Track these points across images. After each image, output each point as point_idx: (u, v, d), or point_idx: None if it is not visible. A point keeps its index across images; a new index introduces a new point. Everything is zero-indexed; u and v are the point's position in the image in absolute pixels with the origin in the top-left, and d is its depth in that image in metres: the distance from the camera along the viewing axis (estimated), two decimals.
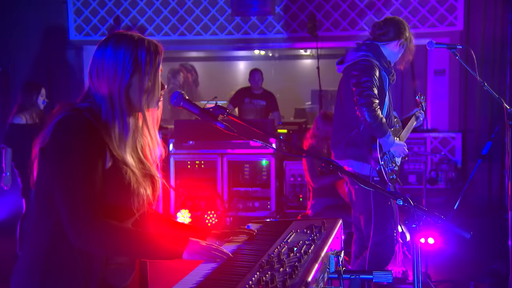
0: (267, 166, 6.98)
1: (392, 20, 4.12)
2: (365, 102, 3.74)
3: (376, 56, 3.96)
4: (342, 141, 4.05)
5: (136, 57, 1.97)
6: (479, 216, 7.02)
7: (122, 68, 1.96)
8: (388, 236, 4.00)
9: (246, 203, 6.96)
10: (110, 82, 1.97)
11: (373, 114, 3.74)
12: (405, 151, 4.04)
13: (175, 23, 8.34)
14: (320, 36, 7.81)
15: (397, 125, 4.18)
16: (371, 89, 3.77)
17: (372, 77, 3.81)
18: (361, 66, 3.89)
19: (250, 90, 8.42)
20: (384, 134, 3.84)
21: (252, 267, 1.87)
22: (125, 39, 1.99)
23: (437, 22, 7.81)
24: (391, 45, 4.04)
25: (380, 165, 3.88)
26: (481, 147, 7.25)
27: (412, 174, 7.57)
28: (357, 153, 3.98)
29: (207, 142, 6.92)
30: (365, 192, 3.95)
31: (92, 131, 1.91)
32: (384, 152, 3.94)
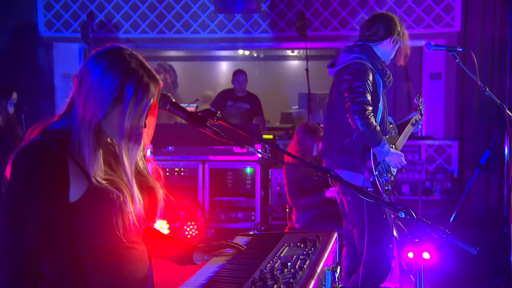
0: (252, 174, 6.97)
1: (380, 17, 4.11)
2: (357, 110, 3.73)
3: (370, 58, 3.95)
4: (333, 149, 4.04)
5: (121, 93, 1.90)
6: (476, 229, 7.06)
7: (102, 99, 1.90)
8: (383, 251, 3.99)
9: (229, 213, 6.94)
10: (87, 106, 1.92)
11: (365, 122, 3.73)
12: (402, 162, 4.01)
13: (154, 20, 8.31)
14: (309, 36, 7.84)
15: (393, 131, 4.19)
16: (363, 95, 3.76)
17: (365, 82, 3.81)
18: (353, 69, 3.88)
19: (233, 93, 8.41)
20: (378, 143, 3.83)
21: (243, 284, 1.86)
22: (118, 64, 1.91)
23: (433, 22, 7.88)
24: (384, 44, 4.04)
25: (374, 175, 3.87)
26: (478, 156, 7.32)
27: (405, 184, 7.60)
28: (349, 162, 3.97)
29: (188, 148, 6.89)
30: (358, 204, 3.94)
31: (51, 161, 1.87)
32: (379, 162, 3.94)
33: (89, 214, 1.89)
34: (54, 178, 1.86)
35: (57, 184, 1.87)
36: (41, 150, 1.87)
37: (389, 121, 4.14)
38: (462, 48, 4.10)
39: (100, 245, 1.93)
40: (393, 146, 4.10)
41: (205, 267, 2.11)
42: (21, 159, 1.88)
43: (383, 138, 3.85)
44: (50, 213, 1.86)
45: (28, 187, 1.84)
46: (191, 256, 2.25)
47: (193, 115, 2.10)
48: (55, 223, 1.87)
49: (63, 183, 1.88)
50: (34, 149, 1.88)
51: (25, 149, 1.89)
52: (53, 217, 1.86)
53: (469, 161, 7.73)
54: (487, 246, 6.16)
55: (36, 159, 1.86)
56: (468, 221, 7.24)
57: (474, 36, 7.71)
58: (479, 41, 7.68)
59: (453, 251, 5.10)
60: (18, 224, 1.82)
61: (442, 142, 7.78)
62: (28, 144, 1.90)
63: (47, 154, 1.86)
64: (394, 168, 4.07)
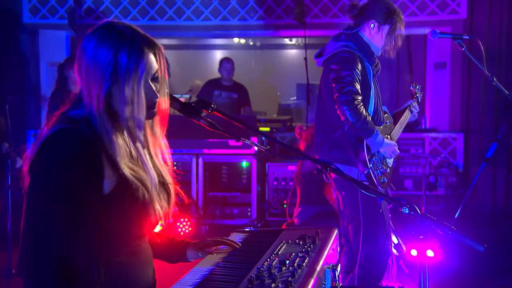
0: (248, 168, 6.97)
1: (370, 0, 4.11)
2: (346, 100, 3.73)
3: (357, 45, 3.95)
4: (326, 143, 4.03)
5: (115, 64, 1.87)
6: (482, 226, 7.09)
7: (100, 76, 1.87)
8: (380, 247, 3.99)
9: (224, 209, 6.95)
10: (90, 87, 1.88)
11: (355, 113, 3.72)
12: (396, 151, 4.03)
13: (145, 6, 8.28)
14: (308, 23, 7.83)
15: (388, 121, 4.18)
16: (352, 85, 3.75)
17: (353, 71, 3.80)
18: (341, 58, 3.87)
19: (219, 82, 8.37)
20: (371, 134, 3.83)
21: (240, 282, 1.86)
22: (110, 36, 1.89)
23: (438, 9, 7.87)
24: (363, 29, 4.02)
25: (368, 168, 3.87)
26: (485, 149, 7.33)
27: (408, 178, 7.62)
28: (342, 156, 3.96)
29: (180, 141, 6.89)
30: (353, 199, 3.95)
31: (87, 151, 1.80)
32: (373, 154, 3.94)
33: (117, 208, 1.86)
34: (93, 166, 1.81)
35: (95, 174, 1.82)
36: (76, 137, 1.80)
37: (383, 111, 4.14)
38: (469, 36, 4.10)
39: (123, 242, 1.91)
40: (388, 136, 4.11)
41: (199, 265, 2.11)
42: (53, 149, 1.79)
43: (375, 128, 3.85)
44: (90, 205, 1.82)
45: (68, 177, 1.77)
46: (185, 253, 2.25)
47: (187, 106, 2.10)
48: (91, 216, 1.82)
49: (100, 173, 1.83)
50: (67, 137, 1.80)
51: (56, 138, 1.80)
52: (91, 210, 1.82)
53: (475, 155, 7.74)
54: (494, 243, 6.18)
55: (72, 147, 1.79)
56: (474, 217, 7.26)
57: (481, 24, 7.71)
58: (486, 28, 7.67)
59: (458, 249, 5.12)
60: (66, 217, 1.78)
61: (447, 134, 7.79)
62: (57, 132, 1.81)
63: (84, 142, 1.80)
64: (390, 159, 4.07)
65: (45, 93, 8.46)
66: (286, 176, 7.07)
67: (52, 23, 8.34)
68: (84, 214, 1.80)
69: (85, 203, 1.80)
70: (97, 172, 1.83)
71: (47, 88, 8.47)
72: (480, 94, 7.77)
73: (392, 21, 3.99)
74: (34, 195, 1.80)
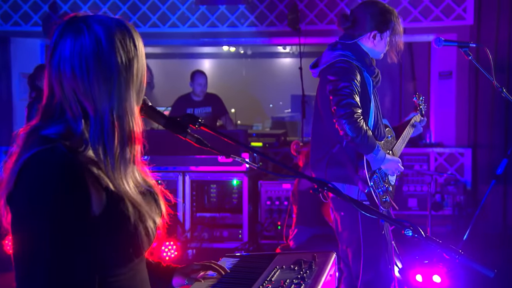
0: (239, 187, 6.97)
1: (360, 6, 4.13)
2: (345, 113, 3.74)
3: (356, 54, 3.97)
4: (323, 159, 4.04)
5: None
6: (492, 248, 7.10)
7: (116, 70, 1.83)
8: (381, 272, 3.99)
9: (213, 232, 6.93)
10: (80, 95, 1.81)
11: (355, 127, 3.74)
12: (399, 168, 4.04)
13: (126, 12, 8.31)
14: (303, 30, 7.88)
15: (389, 135, 4.20)
16: (351, 97, 3.77)
17: (351, 82, 3.82)
18: (338, 69, 3.89)
19: (190, 98, 8.34)
20: (371, 149, 3.84)
21: None
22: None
23: (443, 14, 7.93)
24: (364, 40, 4.06)
25: (369, 186, 3.88)
26: (495, 165, 7.34)
27: (412, 197, 7.64)
28: (341, 173, 3.97)
29: (166, 157, 6.88)
30: (353, 220, 3.95)
31: (72, 178, 1.73)
32: (374, 171, 3.95)
33: (109, 231, 1.83)
34: (82, 195, 1.74)
35: (84, 201, 1.75)
36: (57, 162, 1.72)
37: (384, 124, 4.16)
38: (476, 44, 4.14)
39: (118, 264, 1.88)
40: (390, 152, 4.12)
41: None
42: (32, 179, 1.71)
43: (376, 143, 3.86)
44: (82, 237, 1.74)
45: (55, 213, 1.70)
46: (170, 280, 2.24)
47: (172, 121, 2.10)
48: (84, 249, 1.75)
49: (88, 199, 1.76)
50: (48, 163, 1.72)
51: (34, 165, 1.72)
52: (83, 242, 1.74)
53: (484, 171, 7.76)
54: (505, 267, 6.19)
55: (54, 176, 1.71)
56: (484, 239, 7.26)
57: (489, 31, 7.76)
58: (495, 36, 7.73)
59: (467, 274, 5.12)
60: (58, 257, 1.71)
61: (454, 150, 7.82)
62: (34, 156, 1.73)
63: (68, 167, 1.72)
64: (392, 176, 4.08)
65: (17, 105, 8.44)
66: (280, 195, 7.06)
67: (25, 30, 8.35)
68: (77, 249, 1.75)
69: (77, 238, 1.75)
70: (86, 198, 1.77)
71: (19, 101, 8.46)
72: (489, 106, 7.81)
73: (391, 25, 4.04)
74: (19, 237, 1.75)
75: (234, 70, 9.21)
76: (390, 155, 4.03)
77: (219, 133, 2.20)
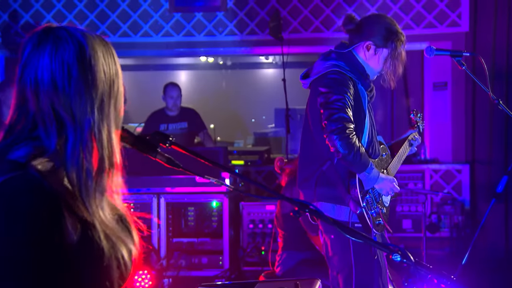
0: (218, 209, 6.95)
1: (371, 16, 4.23)
2: (336, 128, 3.75)
3: (350, 65, 4.00)
4: (312, 178, 4.05)
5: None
6: (494, 273, 7.12)
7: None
8: None
9: (191, 258, 6.91)
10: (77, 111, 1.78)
11: (346, 143, 3.74)
12: (394, 188, 4.05)
13: (94, 21, 8.31)
14: (286, 39, 7.90)
15: (384, 153, 4.22)
16: (343, 111, 3.78)
17: (344, 95, 3.83)
18: (330, 80, 3.91)
19: (164, 113, 8.33)
20: (364, 168, 3.85)
21: None
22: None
23: (436, 21, 8.00)
24: (358, 49, 4.09)
25: (361, 207, 3.89)
26: (494, 182, 7.38)
27: (406, 218, 7.65)
28: (331, 193, 3.98)
29: (139, 179, 6.86)
30: (344, 243, 3.95)
31: (46, 208, 1.68)
32: (367, 191, 3.96)
33: (80, 264, 1.80)
34: (56, 227, 1.70)
35: (59, 232, 1.70)
36: (28, 189, 1.67)
37: (379, 141, 4.18)
38: (470, 53, 4.19)
39: None
40: (384, 171, 4.13)
41: None
42: (2, 212, 1.64)
43: (370, 161, 3.87)
44: (56, 272, 1.70)
45: (24, 242, 1.66)
46: None
47: (140, 140, 2.11)
48: (53, 278, 1.70)
49: (63, 229, 1.71)
50: (17, 190, 1.66)
51: (3, 196, 1.65)
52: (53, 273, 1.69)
53: (483, 189, 7.79)
54: None
55: (26, 207, 1.66)
56: (484, 263, 7.28)
57: (485, 38, 7.82)
58: (492, 43, 7.78)
59: None
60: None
61: (450, 166, 7.85)
62: (1, 185, 1.66)
63: (41, 196, 1.67)
64: (386, 196, 4.09)
65: None
66: (264, 217, 7.05)
67: None
68: (48, 285, 1.71)
69: (48, 273, 1.70)
70: (60, 231, 1.72)
71: None
72: (488, 119, 7.84)
73: (392, 45, 4.06)
74: None
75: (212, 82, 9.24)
76: (384, 174, 4.04)
77: (191, 152, 2.21)
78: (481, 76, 4.10)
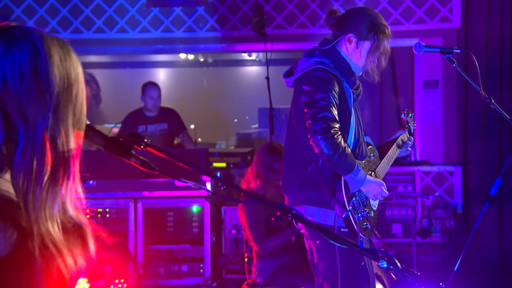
0: (199, 214, 6.94)
1: (356, 8, 4.23)
2: (320, 128, 3.75)
3: (335, 62, 4.00)
4: (296, 180, 4.05)
5: None
6: (487, 278, 7.15)
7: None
8: None
9: (170, 266, 6.89)
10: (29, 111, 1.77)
11: (331, 143, 3.74)
12: (383, 192, 4.05)
13: (67, 16, 8.28)
14: (269, 35, 7.89)
15: (372, 154, 4.22)
16: (327, 110, 3.78)
17: (329, 93, 3.83)
18: (314, 78, 3.91)
19: (142, 113, 8.31)
20: (350, 169, 3.85)
21: None
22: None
23: (426, 16, 8.03)
24: (341, 43, 4.09)
25: (347, 211, 3.89)
26: (488, 185, 7.41)
27: (396, 223, 7.67)
28: (316, 196, 3.98)
29: (114, 182, 6.83)
30: (329, 249, 3.94)
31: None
32: (353, 193, 3.96)
33: (18, 273, 1.80)
34: None
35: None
36: None
37: (366, 142, 4.19)
38: (460, 50, 4.21)
39: None
40: (372, 173, 4.14)
41: None
42: None
43: (356, 162, 3.87)
44: None
45: None
46: None
47: (113, 142, 2.10)
48: None
49: None
50: None
51: None
52: None
53: (476, 192, 7.83)
54: None
55: None
56: (477, 269, 7.31)
57: (478, 33, 7.86)
58: (485, 39, 7.82)
59: None
60: None
61: (442, 168, 7.88)
62: None
63: None
64: (374, 200, 4.10)
65: None
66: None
67: None
68: None
69: None
70: None
71: None
72: (480, 118, 7.88)
73: (374, 37, 4.05)
74: None
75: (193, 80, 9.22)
76: (372, 177, 4.04)
77: (168, 155, 2.20)
78: (473, 74, 4.11)
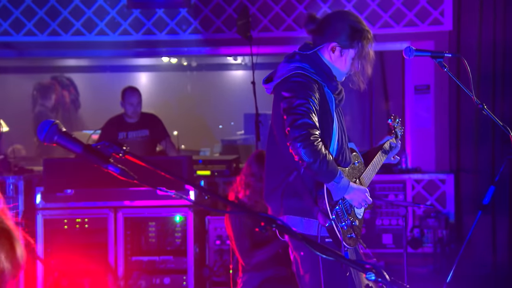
0: (182, 224, 6.93)
1: (335, 13, 4.22)
2: (299, 135, 3.75)
3: (315, 67, 4.01)
4: (277, 189, 4.05)
5: None
6: None
7: None
8: None
9: (152, 279, 6.87)
10: None
11: (311, 150, 3.73)
12: (367, 199, 4.06)
13: (44, 18, 8.26)
14: (255, 38, 7.90)
15: (356, 161, 4.23)
16: (307, 116, 3.79)
17: (308, 99, 3.84)
18: (293, 84, 3.92)
19: (123, 120, 8.28)
20: (332, 177, 3.85)
21: None
22: None
23: (417, 19, 8.06)
24: (323, 50, 4.10)
25: (330, 220, 3.89)
26: (481, 193, 7.44)
27: (387, 233, 7.68)
28: (298, 205, 3.98)
29: (93, 191, 6.82)
30: (314, 260, 3.95)
31: None
32: (336, 201, 3.96)
33: None
34: None
35: None
36: None
37: (350, 148, 4.19)
38: (452, 54, 4.22)
39: None
40: (356, 180, 4.15)
41: None
42: None
43: (338, 169, 3.87)
44: None
45: None
46: None
47: (91, 150, 2.10)
48: None
49: None
50: None
51: None
52: None
53: (469, 201, 7.85)
54: None
55: None
56: (470, 280, 7.32)
57: (470, 38, 7.89)
58: (477, 42, 7.85)
59: None
60: None
61: (434, 176, 7.89)
62: None
63: None
64: (359, 208, 4.10)
65: None
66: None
67: None
68: None
69: None
70: None
71: None
72: (473, 125, 7.90)
73: (359, 44, 4.06)
74: None
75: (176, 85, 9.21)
76: (356, 184, 4.04)
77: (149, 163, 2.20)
78: (466, 79, 4.13)
